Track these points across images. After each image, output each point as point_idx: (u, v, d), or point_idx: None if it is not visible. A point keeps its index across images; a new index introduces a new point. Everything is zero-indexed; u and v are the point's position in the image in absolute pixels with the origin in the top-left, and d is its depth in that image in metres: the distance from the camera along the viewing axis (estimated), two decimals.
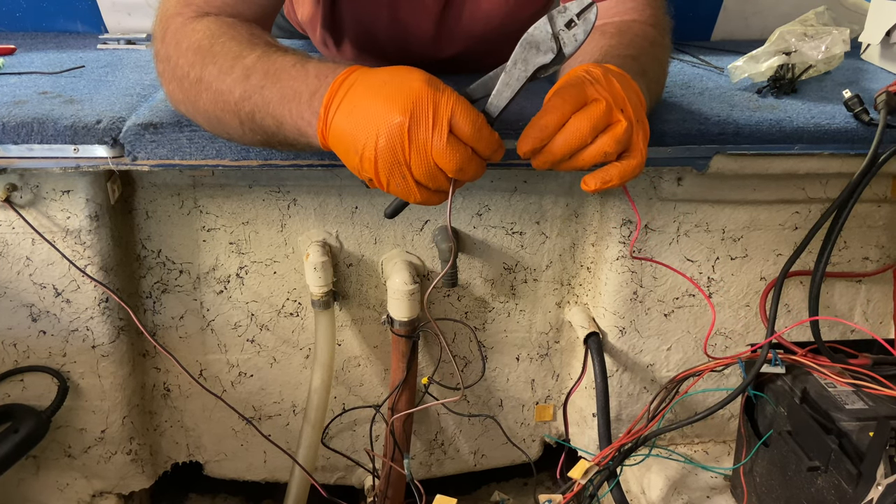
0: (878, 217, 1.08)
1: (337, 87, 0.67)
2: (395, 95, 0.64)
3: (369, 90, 0.66)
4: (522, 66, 0.66)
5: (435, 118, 0.63)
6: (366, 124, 0.64)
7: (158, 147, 0.85)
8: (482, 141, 0.65)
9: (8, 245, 0.94)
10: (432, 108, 0.63)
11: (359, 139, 0.65)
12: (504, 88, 0.66)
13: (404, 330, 1.03)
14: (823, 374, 0.95)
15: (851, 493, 0.81)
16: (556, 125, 0.68)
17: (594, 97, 0.68)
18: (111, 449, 1.07)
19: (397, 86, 0.65)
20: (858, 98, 0.97)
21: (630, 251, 1.04)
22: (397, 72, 0.67)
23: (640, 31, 0.89)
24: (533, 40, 0.65)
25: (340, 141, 0.67)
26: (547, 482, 1.30)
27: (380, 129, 0.63)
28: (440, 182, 0.66)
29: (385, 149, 0.63)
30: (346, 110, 0.66)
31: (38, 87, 0.96)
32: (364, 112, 0.65)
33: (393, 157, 0.64)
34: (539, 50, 0.65)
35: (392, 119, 0.63)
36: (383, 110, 0.64)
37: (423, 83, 0.64)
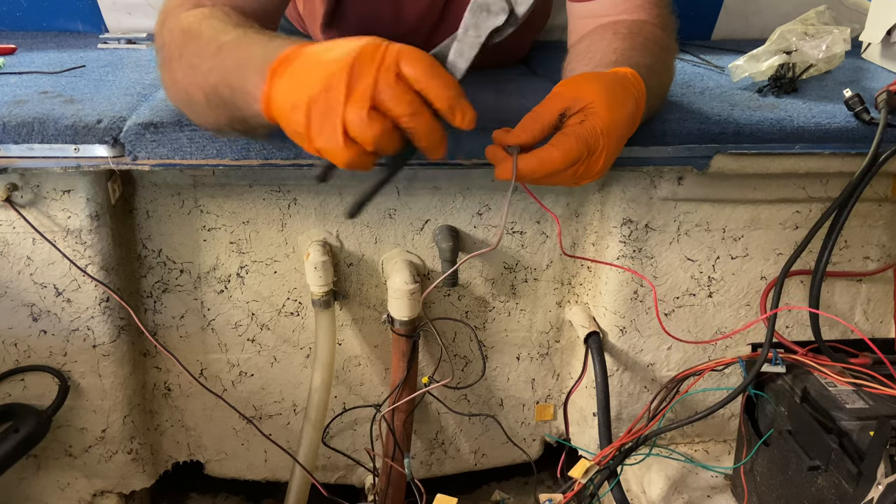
0: (879, 216, 1.08)
1: (290, 54, 0.63)
2: (344, 47, 0.60)
3: (320, 52, 0.62)
4: (475, 32, 0.61)
5: (383, 58, 0.58)
6: (309, 74, 0.60)
7: (159, 147, 0.85)
8: (436, 82, 0.58)
9: (9, 245, 0.94)
10: (380, 50, 0.59)
11: (299, 88, 0.60)
12: (458, 59, 0.62)
13: (405, 329, 1.03)
14: (824, 373, 0.95)
15: (852, 493, 0.81)
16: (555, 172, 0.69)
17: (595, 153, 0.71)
18: (112, 448, 1.07)
19: (346, 43, 0.61)
20: (859, 97, 0.97)
21: (560, 248, 1.06)
22: (349, 38, 0.62)
23: (651, 35, 0.89)
24: (483, 3, 0.61)
25: (281, 101, 0.62)
26: (547, 481, 1.30)
27: (322, 74, 0.58)
28: (370, 136, 0.59)
29: (322, 93, 0.58)
30: (292, 74, 0.62)
31: (38, 87, 0.96)
32: (310, 65, 0.60)
33: (327, 102, 0.58)
34: (490, 12, 0.61)
35: (335, 64, 0.58)
36: (329, 60, 0.59)
37: (374, 38, 0.60)
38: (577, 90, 0.72)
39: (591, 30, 0.93)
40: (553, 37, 1.33)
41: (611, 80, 0.74)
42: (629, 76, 0.77)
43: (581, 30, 0.95)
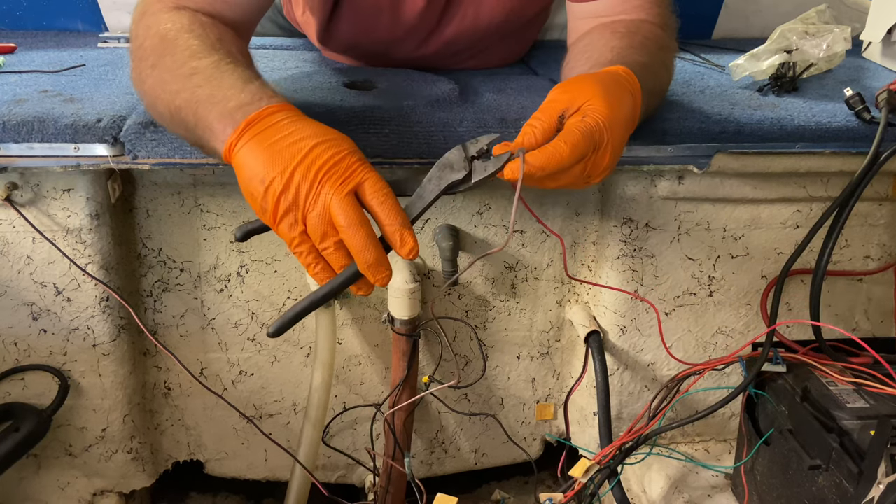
0: (880, 215, 1.08)
1: (266, 115, 0.68)
2: (323, 146, 0.66)
3: (301, 132, 0.67)
4: (436, 182, 0.71)
5: (349, 176, 0.65)
6: (286, 158, 0.65)
7: (159, 145, 0.85)
8: (384, 209, 0.66)
9: (8, 244, 0.94)
10: (350, 169, 0.65)
11: (272, 169, 0.65)
12: (417, 200, 0.71)
13: (405, 329, 1.03)
14: (825, 372, 0.95)
15: (852, 492, 0.81)
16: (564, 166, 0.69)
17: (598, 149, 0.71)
18: (112, 447, 1.07)
19: (328, 140, 0.66)
20: (860, 96, 0.97)
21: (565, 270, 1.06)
22: (330, 131, 0.68)
23: (649, 34, 0.89)
24: (448, 162, 0.71)
25: (249, 164, 0.66)
26: (548, 481, 1.30)
27: (299, 166, 0.64)
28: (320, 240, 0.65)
29: (294, 187, 0.64)
30: (267, 138, 0.66)
31: (38, 86, 0.96)
32: (289, 147, 0.65)
33: (296, 197, 0.64)
34: (453, 169, 0.70)
35: (313, 162, 0.64)
36: (307, 153, 0.65)
37: (350, 150, 0.67)
38: (572, 91, 0.73)
39: (590, 29, 0.93)
40: (553, 36, 1.33)
41: (605, 78, 0.75)
42: (622, 73, 0.77)
43: (580, 29, 0.95)
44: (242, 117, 0.68)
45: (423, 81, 1.03)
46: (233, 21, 0.85)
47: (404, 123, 0.90)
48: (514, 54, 1.21)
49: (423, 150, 0.90)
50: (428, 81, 1.03)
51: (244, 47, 0.82)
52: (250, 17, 0.89)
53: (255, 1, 0.88)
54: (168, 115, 0.76)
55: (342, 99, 0.94)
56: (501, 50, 1.16)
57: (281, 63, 1.12)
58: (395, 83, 1.02)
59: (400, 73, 1.08)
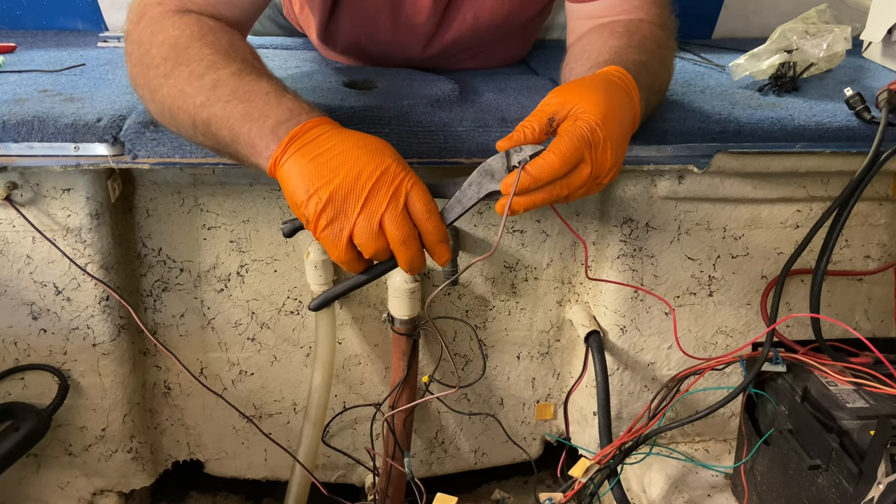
0: (880, 215, 1.08)
1: (307, 129, 0.70)
2: (366, 156, 0.67)
3: (343, 144, 0.68)
4: (476, 189, 0.71)
5: (397, 188, 0.67)
6: (330, 169, 0.67)
7: (159, 145, 0.85)
8: (430, 224, 0.69)
9: (8, 243, 0.94)
10: (397, 179, 0.67)
11: (316, 180, 0.67)
12: (456, 204, 0.72)
13: (405, 328, 1.03)
14: (824, 372, 0.95)
15: (852, 492, 0.81)
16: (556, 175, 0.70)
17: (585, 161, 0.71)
18: (112, 447, 1.07)
19: (370, 150, 0.68)
20: (860, 96, 0.97)
21: (586, 273, 1.04)
22: (370, 139, 0.70)
23: (648, 33, 0.89)
24: (489, 169, 0.71)
25: (294, 176, 0.68)
26: (547, 480, 1.30)
27: (345, 178, 0.66)
28: (371, 248, 0.68)
29: (341, 197, 0.66)
30: (310, 152, 0.68)
31: (38, 86, 0.96)
32: (332, 159, 0.67)
33: (343, 207, 0.67)
34: (493, 178, 0.71)
35: (359, 173, 0.66)
36: (352, 164, 0.67)
37: (393, 158, 0.68)
38: (563, 95, 0.73)
39: (589, 30, 0.93)
40: (553, 36, 1.33)
41: (597, 80, 0.76)
42: (614, 73, 0.78)
43: (579, 30, 0.95)
44: (285, 133, 0.69)
45: (423, 81, 1.03)
46: (232, 21, 0.85)
47: (404, 123, 0.90)
48: (514, 55, 1.21)
49: (424, 149, 0.90)
50: (428, 81, 1.03)
51: (253, 49, 0.82)
52: (249, 16, 0.89)
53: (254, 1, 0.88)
54: (191, 126, 0.76)
55: (342, 98, 0.94)
56: (502, 50, 1.16)
57: (281, 62, 1.12)
58: (395, 83, 1.02)
59: (400, 72, 1.08)
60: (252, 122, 0.71)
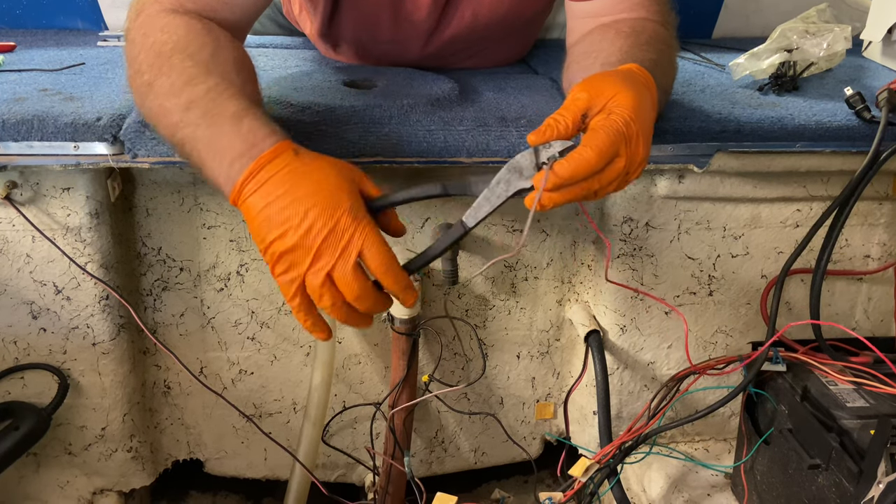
0: (880, 215, 1.08)
1: (262, 165, 0.68)
2: (318, 206, 0.65)
3: (296, 189, 0.67)
4: (504, 187, 0.70)
5: (346, 245, 0.65)
6: (280, 222, 0.66)
7: (159, 144, 0.85)
8: (388, 278, 0.67)
9: (8, 242, 0.94)
10: (347, 234, 0.66)
11: (269, 232, 0.67)
12: (484, 202, 0.71)
13: (404, 328, 1.03)
14: (824, 371, 0.95)
15: (852, 491, 0.81)
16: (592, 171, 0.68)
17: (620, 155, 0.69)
18: (112, 446, 1.07)
19: (324, 196, 0.66)
20: (860, 95, 0.97)
21: (606, 274, 1.04)
22: (327, 178, 0.68)
23: (654, 32, 0.88)
24: (518, 166, 0.70)
25: (251, 220, 0.68)
26: (547, 480, 1.30)
27: (294, 232, 0.65)
28: (322, 302, 0.67)
29: (290, 252, 0.66)
30: (264, 198, 0.67)
31: (38, 85, 0.96)
32: (283, 209, 0.66)
33: (294, 260, 0.66)
34: (522, 176, 0.70)
35: (309, 228, 0.65)
36: (302, 216, 0.65)
37: (347, 205, 0.66)
38: (593, 89, 0.71)
39: (592, 29, 0.92)
40: (553, 35, 1.33)
41: (622, 74, 0.75)
42: (636, 70, 0.77)
43: (581, 29, 0.95)
44: (239, 172, 0.69)
45: (423, 80, 1.03)
46: (231, 22, 0.85)
47: (404, 122, 0.90)
48: (514, 54, 1.21)
49: (423, 149, 0.90)
50: (428, 80, 1.03)
51: (240, 55, 0.81)
52: (249, 17, 0.89)
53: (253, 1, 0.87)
54: (170, 143, 0.77)
55: (342, 98, 0.94)
56: (501, 50, 1.16)
57: (281, 62, 1.12)
58: (395, 82, 1.02)
59: (400, 72, 1.08)
60: (214, 153, 0.71)
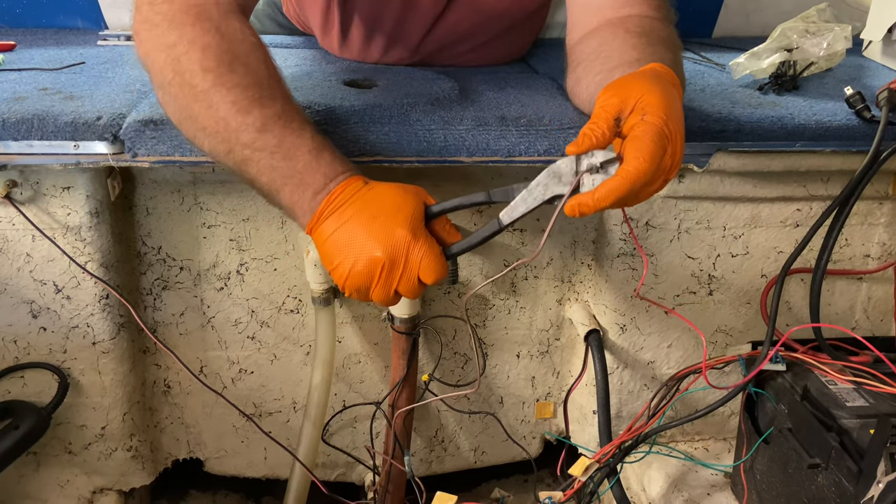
0: (880, 214, 1.08)
1: (336, 196, 0.74)
2: (379, 234, 0.72)
3: (360, 215, 0.73)
4: (542, 190, 0.72)
5: (407, 262, 0.72)
6: (349, 248, 0.73)
7: (159, 143, 0.85)
8: (435, 283, 0.75)
9: (8, 241, 0.94)
10: (408, 253, 0.72)
11: (337, 255, 0.73)
12: (521, 203, 0.73)
13: (404, 327, 1.03)
14: (824, 371, 0.95)
15: (852, 491, 0.81)
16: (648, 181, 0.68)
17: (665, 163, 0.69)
18: (112, 445, 1.07)
19: (384, 220, 0.72)
20: (860, 95, 0.97)
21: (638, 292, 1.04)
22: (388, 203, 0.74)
23: (662, 32, 0.87)
24: (557, 171, 0.71)
25: (324, 245, 0.74)
26: (547, 479, 1.30)
27: (359, 258, 0.72)
28: (393, 303, 0.76)
29: (357, 276, 0.73)
30: (334, 224, 0.74)
31: (38, 84, 0.96)
32: (351, 235, 0.73)
33: (361, 282, 0.73)
34: (560, 181, 0.71)
35: (372, 256, 0.72)
36: (364, 242, 0.72)
37: (407, 227, 0.72)
38: (622, 91, 0.70)
39: (598, 27, 0.91)
40: (553, 34, 1.33)
41: (648, 74, 0.74)
42: (659, 69, 0.76)
43: (584, 25, 0.93)
44: (318, 203, 0.74)
45: (423, 80, 1.03)
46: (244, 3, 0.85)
47: (404, 122, 0.90)
48: (515, 50, 1.21)
49: (424, 148, 0.90)
50: (428, 80, 1.03)
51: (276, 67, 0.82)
52: None
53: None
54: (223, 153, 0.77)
55: (342, 97, 0.94)
56: (503, 43, 1.16)
57: (281, 61, 1.12)
58: (395, 81, 1.02)
59: (400, 71, 1.08)
60: (294, 185, 0.75)
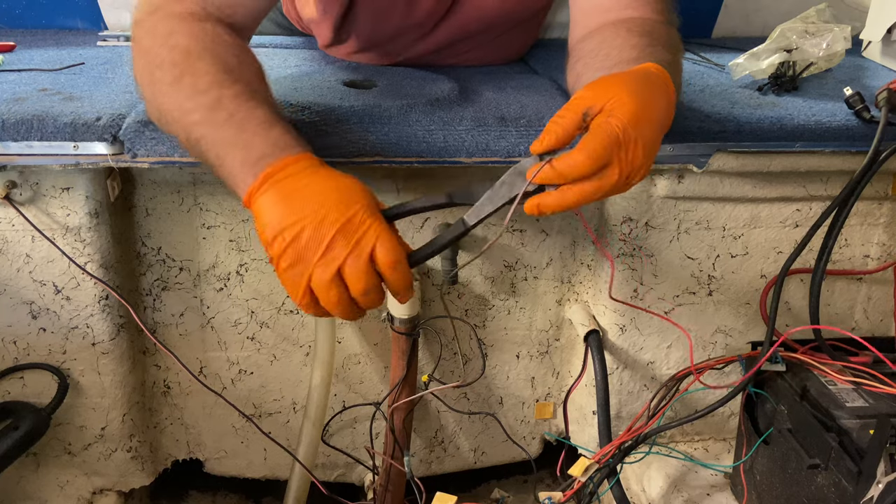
0: (879, 215, 1.08)
1: (286, 165, 0.70)
2: (334, 200, 0.67)
3: (314, 184, 0.69)
4: (507, 189, 0.71)
5: (361, 238, 0.67)
6: (295, 211, 0.67)
7: (158, 144, 0.85)
8: (395, 276, 0.68)
9: (8, 242, 0.94)
10: (363, 227, 0.67)
11: (281, 221, 0.67)
12: (487, 203, 0.71)
13: (404, 327, 1.03)
14: (824, 371, 0.95)
15: (852, 491, 0.81)
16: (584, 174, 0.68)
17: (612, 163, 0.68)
18: (111, 446, 1.07)
19: (341, 193, 0.68)
20: (859, 95, 0.97)
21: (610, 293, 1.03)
22: (345, 181, 0.70)
23: (665, 34, 0.87)
24: (522, 169, 0.70)
25: (263, 214, 0.69)
26: (547, 480, 1.30)
27: (308, 222, 0.66)
28: (325, 297, 0.68)
29: (302, 243, 0.66)
30: (282, 190, 0.68)
31: (37, 84, 0.96)
32: (300, 200, 0.67)
33: (304, 252, 0.67)
34: (524, 179, 0.70)
35: (323, 218, 0.66)
36: (317, 207, 0.67)
37: (363, 203, 0.68)
38: (598, 89, 0.71)
39: (600, 26, 0.91)
40: (553, 35, 1.33)
41: (635, 76, 0.74)
42: (653, 70, 0.76)
43: (586, 24, 0.93)
44: (262, 169, 0.70)
45: (422, 80, 1.03)
46: (242, 24, 0.86)
47: (404, 122, 0.90)
48: (515, 50, 1.21)
49: (423, 148, 0.90)
50: (428, 80, 1.03)
51: (259, 67, 0.82)
52: (257, 19, 0.89)
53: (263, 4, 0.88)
54: (184, 140, 0.77)
55: (342, 98, 0.94)
56: (504, 43, 1.16)
57: (281, 62, 1.12)
58: (394, 82, 1.02)
59: (400, 71, 1.08)
60: (237, 150, 0.72)
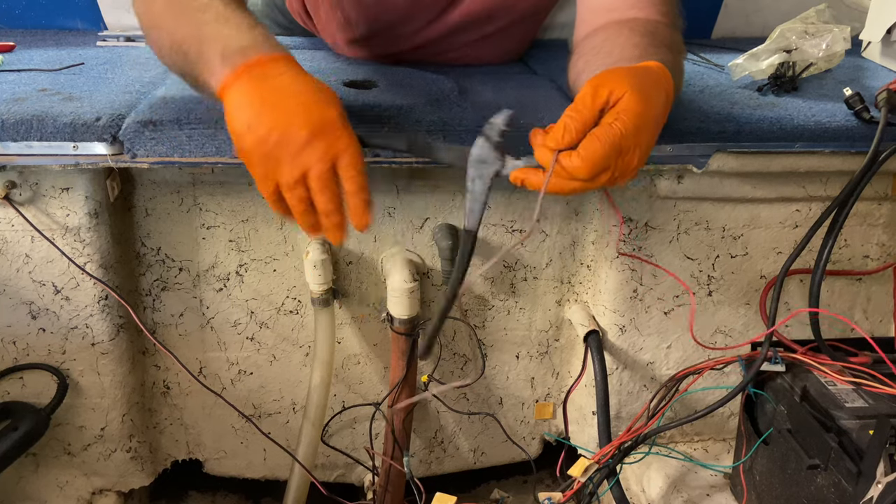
0: (879, 215, 1.08)
1: (265, 62, 0.70)
2: (311, 102, 0.68)
3: (293, 84, 0.69)
4: (480, 182, 0.71)
5: (331, 143, 0.68)
6: (271, 106, 0.67)
7: (158, 144, 0.85)
8: (354, 185, 0.69)
9: (7, 242, 0.94)
10: (335, 134, 0.68)
11: (256, 115, 0.68)
12: (474, 204, 0.72)
13: (404, 328, 1.03)
14: (823, 372, 0.95)
15: (851, 492, 0.81)
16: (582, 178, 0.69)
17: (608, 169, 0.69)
18: (111, 446, 1.07)
19: (318, 97, 0.69)
20: (859, 96, 0.97)
21: (617, 248, 1.03)
22: (323, 89, 0.71)
23: (668, 36, 0.87)
24: (480, 158, 0.71)
25: (237, 105, 0.69)
26: (546, 480, 1.30)
27: (278, 124, 0.67)
28: (292, 198, 0.69)
29: (274, 139, 0.67)
30: (259, 84, 0.69)
31: (37, 85, 0.96)
32: (277, 97, 0.68)
33: (274, 150, 0.67)
34: (486, 163, 0.71)
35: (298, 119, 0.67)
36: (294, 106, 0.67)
37: (338, 113, 0.69)
38: (608, 85, 0.70)
39: (604, 25, 0.91)
40: (552, 35, 1.33)
41: (642, 73, 0.74)
42: (656, 69, 0.76)
43: (591, 23, 0.94)
44: (242, 60, 0.70)
45: (422, 80, 1.03)
46: None
47: (404, 122, 0.90)
48: (516, 47, 1.21)
49: None
50: (427, 80, 1.03)
51: None
52: None
53: None
54: (168, 45, 0.77)
55: (342, 97, 0.93)
56: (506, 38, 1.16)
57: None
58: (394, 82, 1.02)
59: (400, 71, 1.08)
60: (218, 40, 0.72)
